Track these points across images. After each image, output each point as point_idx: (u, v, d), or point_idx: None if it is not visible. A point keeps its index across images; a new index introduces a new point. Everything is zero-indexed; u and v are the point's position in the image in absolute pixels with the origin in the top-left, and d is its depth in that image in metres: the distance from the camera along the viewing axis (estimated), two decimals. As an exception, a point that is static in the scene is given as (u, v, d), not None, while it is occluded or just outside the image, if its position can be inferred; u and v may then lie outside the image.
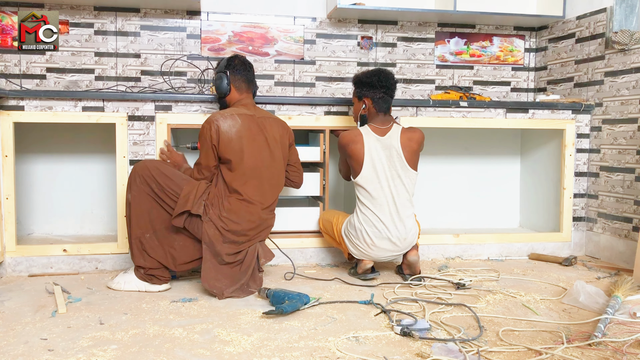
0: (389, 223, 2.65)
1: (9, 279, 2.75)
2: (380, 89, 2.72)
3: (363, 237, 2.66)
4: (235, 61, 2.67)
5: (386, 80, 2.73)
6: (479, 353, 1.82)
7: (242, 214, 2.48)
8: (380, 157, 2.68)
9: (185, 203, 2.42)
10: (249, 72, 2.68)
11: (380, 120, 2.75)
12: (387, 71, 2.78)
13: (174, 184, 2.47)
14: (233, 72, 2.65)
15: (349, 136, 2.72)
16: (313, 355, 1.81)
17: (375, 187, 2.67)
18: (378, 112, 2.75)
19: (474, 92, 3.77)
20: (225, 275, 2.45)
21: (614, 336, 1.99)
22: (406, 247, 2.71)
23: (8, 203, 2.76)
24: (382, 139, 2.71)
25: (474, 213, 3.81)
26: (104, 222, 3.40)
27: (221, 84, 2.65)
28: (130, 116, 2.88)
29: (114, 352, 1.83)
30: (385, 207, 2.66)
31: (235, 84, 2.66)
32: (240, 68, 2.66)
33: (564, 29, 3.66)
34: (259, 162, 2.54)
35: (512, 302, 2.42)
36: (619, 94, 3.20)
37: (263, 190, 2.55)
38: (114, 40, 3.44)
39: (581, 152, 3.41)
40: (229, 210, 2.46)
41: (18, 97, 2.77)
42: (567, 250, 3.40)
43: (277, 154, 2.62)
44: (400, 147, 2.69)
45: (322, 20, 3.68)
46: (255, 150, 2.53)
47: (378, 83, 2.72)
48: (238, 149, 2.48)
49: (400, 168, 2.69)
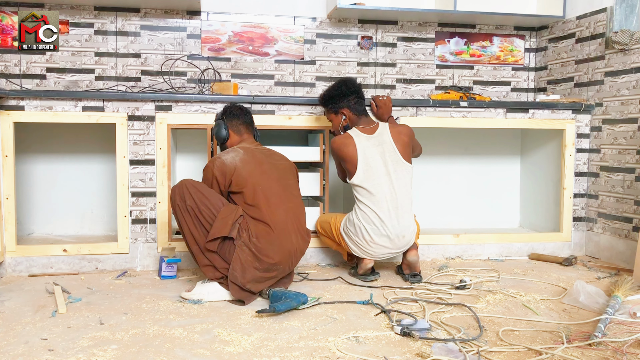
0: (387, 219, 2.65)
1: (9, 279, 2.75)
2: (352, 94, 2.77)
3: (362, 233, 2.66)
4: (232, 108, 2.67)
5: (353, 85, 2.80)
6: (479, 353, 1.82)
7: (269, 238, 2.41)
8: (373, 155, 2.70)
9: (221, 228, 2.35)
10: (247, 116, 2.67)
11: (364, 122, 2.80)
12: (348, 78, 2.85)
13: (209, 202, 2.42)
14: (229, 118, 2.64)
15: (339, 140, 2.75)
16: (313, 355, 1.81)
17: (373, 184, 2.67)
18: (359, 116, 2.80)
19: (474, 92, 3.77)
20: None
21: (614, 336, 1.99)
22: (404, 245, 2.71)
23: (8, 203, 2.76)
24: (372, 136, 2.74)
25: (474, 213, 3.81)
26: (104, 222, 3.40)
27: (219, 130, 2.63)
28: (130, 116, 2.88)
29: (114, 352, 1.83)
30: (384, 203, 2.66)
31: (233, 128, 2.64)
32: (237, 113, 2.65)
33: (564, 29, 3.66)
34: (270, 187, 2.48)
35: (512, 302, 2.42)
36: (619, 94, 3.20)
37: (279, 213, 2.46)
38: (114, 40, 3.44)
39: (581, 152, 3.41)
40: (257, 235, 2.39)
41: (18, 97, 2.77)
42: (567, 250, 3.40)
43: (288, 178, 2.60)
44: (392, 141, 2.73)
45: (322, 20, 3.68)
46: (265, 175, 2.48)
47: (348, 90, 2.77)
48: (247, 175, 2.44)
49: (396, 162, 2.71)
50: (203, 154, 3.37)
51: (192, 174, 3.38)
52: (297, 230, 2.52)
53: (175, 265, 2.75)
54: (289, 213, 2.50)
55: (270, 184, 2.49)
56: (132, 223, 2.92)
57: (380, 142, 2.73)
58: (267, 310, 2.17)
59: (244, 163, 2.46)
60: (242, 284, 2.35)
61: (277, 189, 2.50)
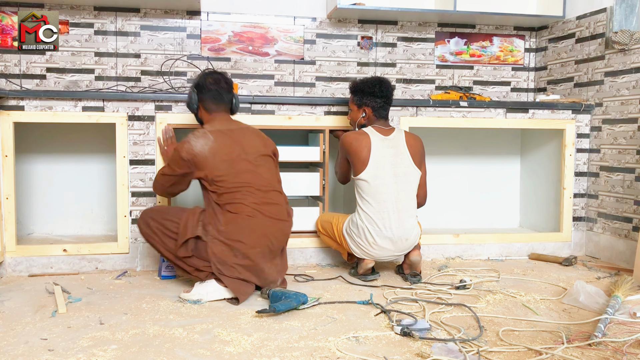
0: (391, 221, 2.65)
1: (9, 279, 2.75)
2: (380, 98, 2.76)
3: (365, 235, 2.66)
4: (206, 79, 2.58)
5: (386, 90, 2.78)
6: (479, 353, 1.82)
7: (238, 223, 2.41)
8: (384, 155, 2.70)
9: (185, 232, 2.42)
10: (219, 90, 2.56)
11: (382, 123, 2.80)
12: (386, 80, 2.82)
13: (170, 215, 2.50)
14: (200, 92, 2.56)
15: (353, 135, 2.74)
16: (313, 355, 1.81)
17: (379, 184, 2.67)
18: (378, 118, 2.80)
19: (474, 92, 3.78)
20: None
21: (614, 336, 1.99)
22: (407, 247, 2.71)
23: (8, 203, 2.76)
24: (387, 138, 2.74)
25: (474, 213, 3.81)
26: (104, 222, 3.40)
27: (190, 102, 2.60)
28: (130, 116, 2.88)
29: (114, 352, 1.83)
30: (390, 205, 2.66)
31: (203, 104, 2.57)
32: (210, 86, 2.55)
33: (564, 29, 3.66)
34: (240, 174, 2.46)
35: (512, 302, 2.42)
36: (619, 94, 3.20)
37: (247, 198, 2.45)
38: (114, 40, 3.44)
39: (581, 152, 3.41)
40: (225, 223, 2.40)
41: (18, 97, 2.77)
42: (567, 250, 3.40)
43: (259, 163, 2.53)
44: (406, 146, 2.73)
45: (322, 20, 3.68)
46: (234, 163, 2.46)
47: (379, 93, 2.76)
48: (215, 164, 2.43)
49: (406, 166, 2.71)
50: (203, 154, 3.37)
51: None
52: (270, 213, 2.48)
53: (174, 265, 2.74)
54: (257, 195, 2.46)
55: (239, 170, 2.45)
56: (132, 223, 2.92)
57: (394, 145, 2.73)
58: (267, 310, 2.17)
59: (212, 153, 2.43)
60: (229, 274, 2.38)
61: (247, 177, 2.46)
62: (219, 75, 2.62)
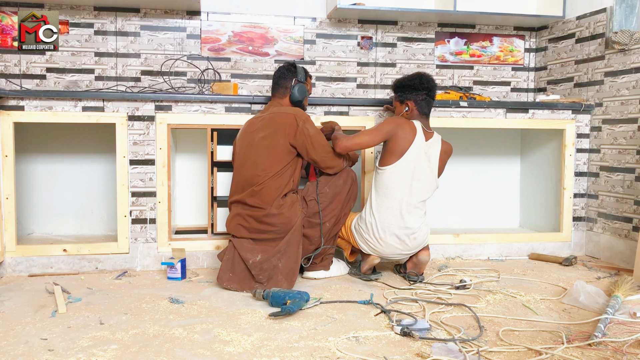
0: (398, 218, 2.63)
1: (9, 279, 2.75)
2: (422, 90, 2.73)
3: (372, 230, 2.65)
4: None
5: (427, 82, 2.74)
6: (479, 353, 1.82)
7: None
8: (418, 159, 2.67)
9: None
10: (274, 77, 2.81)
11: (424, 123, 2.76)
12: (428, 74, 2.79)
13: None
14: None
15: (403, 120, 2.70)
16: (313, 355, 1.81)
17: (399, 181, 2.65)
18: (421, 115, 2.75)
19: (474, 92, 3.78)
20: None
21: (614, 336, 1.99)
22: (416, 247, 2.70)
23: (8, 203, 2.76)
24: (426, 143, 2.71)
25: (474, 213, 3.81)
26: (104, 222, 3.40)
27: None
28: (130, 116, 2.88)
29: (114, 352, 1.83)
30: (401, 202, 2.64)
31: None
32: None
33: (564, 29, 3.66)
34: (242, 164, 2.66)
35: (512, 302, 2.42)
36: (619, 94, 3.20)
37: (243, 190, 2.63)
38: (114, 40, 3.44)
39: (581, 152, 3.41)
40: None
41: (18, 97, 2.77)
42: (567, 250, 3.40)
43: (261, 154, 2.60)
44: (437, 157, 2.73)
45: (322, 21, 3.68)
46: (241, 150, 2.68)
47: (420, 85, 2.73)
48: (237, 146, 2.74)
49: (429, 174, 2.70)
50: (203, 154, 3.37)
51: (192, 174, 3.39)
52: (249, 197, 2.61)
53: (177, 268, 2.73)
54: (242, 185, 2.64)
55: (241, 156, 2.67)
56: (132, 223, 2.92)
57: (429, 151, 2.70)
58: (282, 312, 2.15)
59: (238, 136, 2.76)
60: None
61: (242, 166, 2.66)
62: (281, 66, 2.87)
